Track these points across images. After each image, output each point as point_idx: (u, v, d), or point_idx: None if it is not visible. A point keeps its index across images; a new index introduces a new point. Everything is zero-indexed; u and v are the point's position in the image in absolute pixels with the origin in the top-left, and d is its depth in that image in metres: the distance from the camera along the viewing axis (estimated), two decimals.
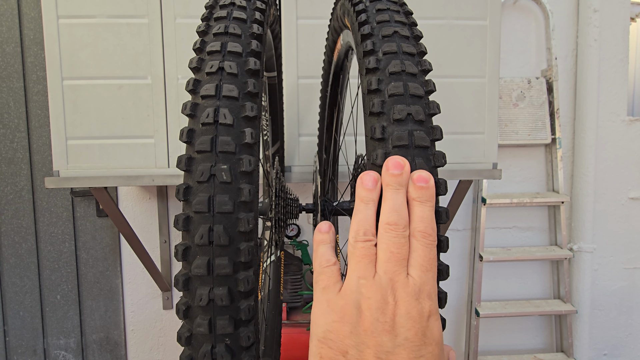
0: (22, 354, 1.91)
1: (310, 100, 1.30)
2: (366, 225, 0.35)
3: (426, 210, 0.34)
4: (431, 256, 0.33)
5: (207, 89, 0.39)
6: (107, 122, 1.26)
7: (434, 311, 0.33)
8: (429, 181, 0.35)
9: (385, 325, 0.31)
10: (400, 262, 0.33)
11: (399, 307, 0.31)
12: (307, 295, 1.69)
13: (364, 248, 0.34)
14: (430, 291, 0.33)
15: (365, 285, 0.32)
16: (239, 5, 0.46)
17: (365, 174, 0.36)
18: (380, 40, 0.42)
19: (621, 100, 1.88)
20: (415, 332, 0.31)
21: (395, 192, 0.35)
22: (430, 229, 0.34)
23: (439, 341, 0.32)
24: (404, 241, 0.33)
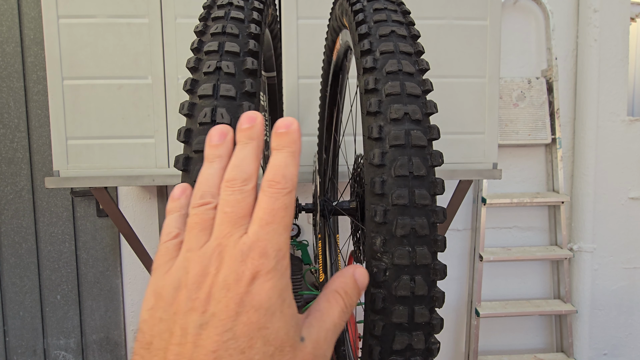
0: (22, 354, 1.91)
1: (310, 100, 1.30)
2: (204, 187, 0.31)
3: (279, 157, 0.30)
4: (275, 206, 0.28)
5: (204, 88, 0.39)
6: (107, 122, 1.26)
7: (264, 271, 0.27)
8: (290, 126, 0.31)
9: (195, 302, 0.26)
10: (236, 221, 0.28)
11: (217, 277, 0.26)
12: (308, 295, 1.69)
13: (196, 215, 0.30)
14: (266, 247, 0.27)
15: (189, 258, 0.28)
16: (236, 5, 0.46)
17: (213, 128, 0.33)
18: (377, 39, 0.42)
19: (621, 100, 1.88)
20: (227, 302, 0.26)
21: (243, 146, 0.31)
22: (280, 176, 0.29)
23: (263, 305, 0.26)
24: (241, 197, 0.29)
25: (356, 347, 1.41)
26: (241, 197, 0.29)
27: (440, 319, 0.38)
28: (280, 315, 0.27)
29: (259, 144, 0.31)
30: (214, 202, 0.30)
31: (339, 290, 0.33)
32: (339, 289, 0.33)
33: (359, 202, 0.64)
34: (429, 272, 0.37)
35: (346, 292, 0.33)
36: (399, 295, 0.36)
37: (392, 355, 0.38)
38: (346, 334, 0.95)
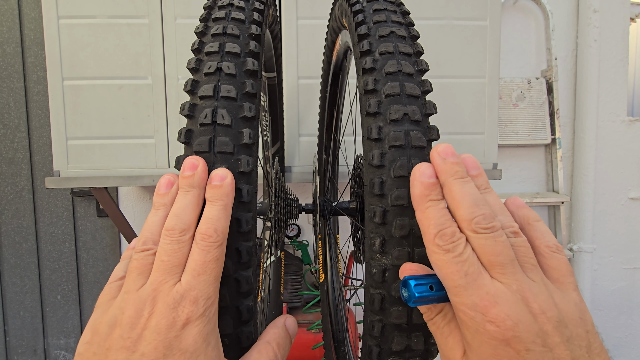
0: (22, 354, 1.91)
1: (310, 100, 1.30)
2: (147, 234, 0.33)
3: (213, 210, 0.32)
4: (206, 259, 0.31)
5: (205, 89, 0.40)
6: (108, 122, 1.26)
7: (193, 318, 0.29)
8: (224, 179, 0.33)
9: (127, 341, 0.28)
10: (170, 269, 0.30)
11: (150, 320, 0.29)
12: (307, 295, 1.69)
13: (136, 260, 0.32)
14: (197, 296, 0.29)
15: (126, 299, 0.30)
16: (237, 6, 0.46)
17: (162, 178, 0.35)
18: (376, 40, 0.42)
19: (621, 100, 1.88)
20: (156, 345, 0.28)
21: (184, 194, 0.33)
22: (212, 229, 0.31)
23: (189, 349, 0.28)
24: (178, 247, 0.31)
25: (356, 347, 1.41)
26: (177, 247, 0.31)
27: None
28: (204, 357, 0.29)
29: (200, 193, 0.33)
30: (154, 248, 0.32)
31: (272, 342, 0.35)
32: (272, 340, 0.35)
33: (359, 203, 0.64)
34: None
35: (278, 343, 0.35)
36: (398, 296, 0.36)
37: (392, 355, 0.38)
38: (346, 335, 0.95)
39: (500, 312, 0.27)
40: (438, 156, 0.33)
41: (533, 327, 0.27)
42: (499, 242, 0.29)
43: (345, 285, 1.62)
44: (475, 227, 0.29)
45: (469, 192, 0.31)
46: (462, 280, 0.28)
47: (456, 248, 0.29)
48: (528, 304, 0.27)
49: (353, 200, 0.66)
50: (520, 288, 0.28)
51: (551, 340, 0.27)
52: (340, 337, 0.94)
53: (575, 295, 0.30)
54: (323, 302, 1.07)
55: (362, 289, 1.55)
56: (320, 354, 1.41)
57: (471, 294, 0.28)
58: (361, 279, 1.45)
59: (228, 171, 0.34)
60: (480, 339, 0.27)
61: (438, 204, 0.31)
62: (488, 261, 0.29)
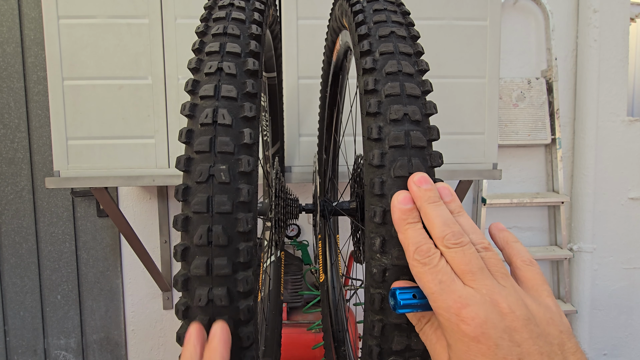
0: (22, 354, 1.91)
1: (310, 100, 1.30)
2: None
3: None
4: None
5: (205, 89, 0.40)
6: (108, 123, 1.26)
7: None
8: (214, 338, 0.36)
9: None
10: None
11: None
12: (308, 295, 1.69)
13: None
14: None
15: None
16: (237, 6, 0.46)
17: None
18: (377, 40, 0.42)
19: (621, 100, 1.88)
20: None
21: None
22: None
23: None
24: None
25: (356, 347, 1.41)
26: None
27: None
28: None
29: None
30: None
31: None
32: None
33: (359, 203, 0.64)
34: None
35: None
36: None
37: (392, 355, 0.38)
38: (346, 335, 0.95)
39: (470, 311, 0.30)
40: (414, 184, 0.36)
41: (500, 324, 0.30)
42: (467, 254, 0.33)
43: (345, 285, 1.62)
44: (446, 242, 0.33)
45: (440, 213, 0.35)
46: (437, 287, 0.32)
47: (432, 261, 0.33)
48: (497, 305, 0.30)
49: (353, 200, 0.66)
50: (489, 292, 0.31)
51: (519, 336, 0.29)
52: (340, 337, 0.94)
53: (549, 301, 0.34)
54: (323, 302, 1.07)
55: (362, 289, 1.55)
56: (321, 354, 1.41)
57: (445, 298, 0.31)
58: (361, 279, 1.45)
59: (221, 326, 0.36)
60: (456, 338, 0.30)
61: (415, 225, 0.35)
62: (459, 270, 0.33)
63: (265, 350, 0.89)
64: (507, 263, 0.38)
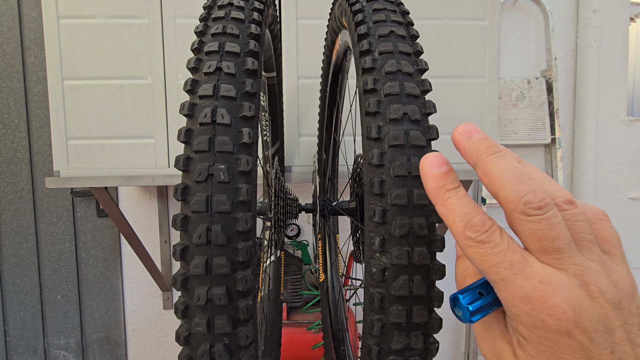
0: (22, 353, 1.91)
1: (310, 100, 1.30)
2: None
3: None
4: None
5: (204, 89, 0.40)
6: (108, 122, 1.26)
7: None
8: None
9: None
10: None
11: None
12: (307, 295, 1.69)
13: None
14: None
15: None
16: (237, 6, 0.46)
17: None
18: (376, 40, 0.42)
19: (621, 100, 1.88)
20: None
21: None
22: None
23: None
24: None
25: (356, 347, 1.41)
26: None
27: (439, 319, 0.38)
28: None
29: None
30: None
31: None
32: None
33: (359, 202, 0.64)
34: (428, 272, 0.37)
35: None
36: (397, 295, 0.36)
37: (391, 355, 0.38)
38: (346, 334, 0.95)
39: (559, 302, 0.23)
40: (462, 137, 0.29)
41: (595, 313, 0.24)
42: (555, 224, 0.25)
43: (345, 285, 1.62)
44: (524, 208, 0.25)
45: (509, 167, 0.26)
46: (508, 272, 0.25)
47: (491, 237, 0.25)
48: (587, 287, 0.24)
49: (353, 200, 0.66)
50: (577, 272, 0.25)
51: (611, 324, 0.24)
52: (340, 337, 0.94)
53: (625, 268, 0.27)
54: (323, 302, 1.07)
55: (361, 288, 1.55)
56: (320, 353, 1.41)
57: (522, 285, 0.24)
58: (361, 279, 1.45)
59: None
60: (539, 334, 0.24)
61: (457, 192, 0.28)
62: (541, 247, 0.25)
63: (265, 349, 0.89)
64: None
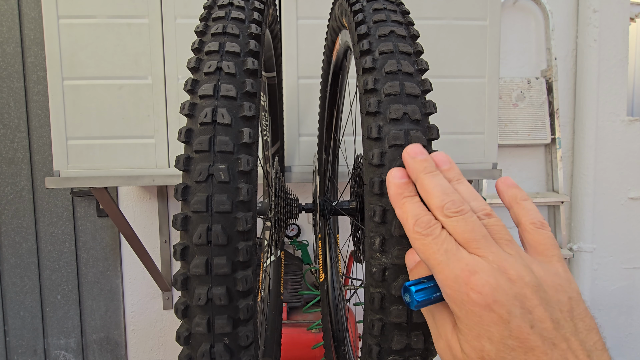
0: (22, 354, 1.91)
1: (310, 100, 1.30)
2: None
3: None
4: None
5: (205, 88, 0.40)
6: (108, 122, 1.26)
7: None
8: None
9: None
10: None
11: None
12: (307, 295, 1.69)
13: None
14: None
15: None
16: (237, 6, 0.46)
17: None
18: (376, 39, 0.42)
19: (621, 100, 1.88)
20: None
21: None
22: None
23: None
24: None
25: (356, 347, 1.41)
26: None
27: None
28: None
29: None
30: None
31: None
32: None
33: (359, 202, 0.64)
34: None
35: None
36: (398, 295, 0.36)
37: (391, 354, 0.38)
38: (346, 334, 0.95)
39: (480, 279, 0.29)
40: (408, 156, 0.35)
41: (511, 291, 0.28)
42: (469, 222, 0.32)
43: (345, 285, 1.62)
44: (446, 212, 0.32)
45: (437, 183, 0.33)
46: (442, 257, 0.30)
47: (434, 231, 0.32)
48: (505, 272, 0.29)
49: (353, 200, 0.66)
50: (496, 259, 0.30)
51: (530, 303, 0.28)
52: (340, 337, 0.94)
53: (558, 266, 0.32)
54: (323, 302, 1.07)
55: (362, 288, 1.55)
56: (320, 353, 1.41)
57: (452, 267, 0.30)
58: (361, 279, 1.45)
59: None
60: (467, 309, 0.29)
61: (412, 199, 0.34)
62: (463, 239, 0.31)
63: (265, 350, 0.89)
64: (515, 224, 0.37)
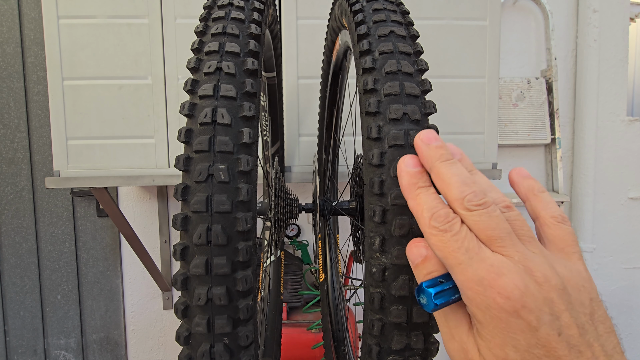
0: (22, 354, 1.91)
1: (310, 100, 1.30)
2: None
3: None
4: None
5: (205, 89, 0.40)
6: (108, 122, 1.26)
7: None
8: None
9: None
10: None
11: None
12: (308, 295, 1.69)
13: None
14: None
15: None
16: (237, 6, 0.46)
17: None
18: (376, 39, 0.42)
19: (621, 100, 1.88)
20: None
21: None
22: None
23: None
24: None
25: (356, 347, 1.41)
26: None
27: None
28: None
29: None
30: None
31: None
32: None
33: (359, 202, 0.64)
34: None
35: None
36: (397, 295, 0.36)
37: (391, 354, 0.38)
38: (346, 334, 0.95)
39: (508, 282, 0.26)
40: (421, 143, 0.33)
41: (539, 295, 0.26)
42: (494, 217, 0.29)
43: (345, 285, 1.62)
44: (467, 204, 0.29)
45: (456, 172, 0.31)
46: (464, 257, 0.28)
47: (453, 227, 0.29)
48: (531, 273, 0.27)
49: (353, 200, 0.66)
50: (521, 259, 0.28)
51: (557, 308, 0.26)
52: (340, 337, 0.94)
53: (579, 265, 0.30)
54: (323, 302, 1.07)
55: (362, 288, 1.55)
56: (320, 353, 1.41)
57: (476, 268, 0.27)
58: (361, 279, 1.45)
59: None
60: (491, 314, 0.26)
61: (427, 189, 0.31)
62: (486, 236, 0.29)
63: (265, 350, 0.89)
64: (532, 218, 0.35)
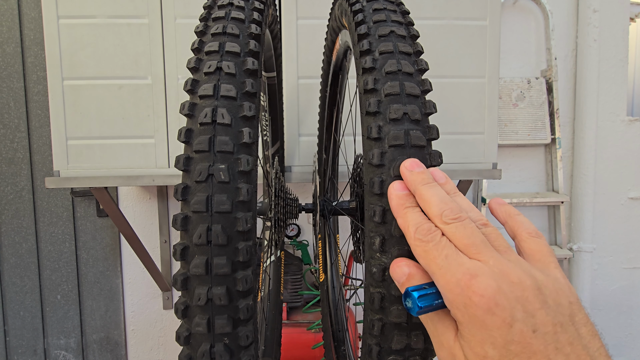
0: (22, 354, 1.91)
1: (310, 100, 1.30)
2: None
3: None
4: None
5: (205, 89, 0.40)
6: (108, 122, 1.26)
7: None
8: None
9: None
10: None
11: None
12: (308, 295, 1.69)
13: None
14: None
15: None
16: (237, 6, 0.46)
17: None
18: (376, 39, 0.42)
19: (621, 100, 1.88)
20: None
21: None
22: None
23: None
24: None
25: (356, 347, 1.41)
26: None
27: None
28: None
29: None
30: None
31: None
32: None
33: (359, 202, 0.64)
34: None
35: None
36: (398, 295, 0.36)
37: (391, 354, 0.38)
38: (346, 334, 0.95)
39: (481, 282, 0.29)
40: (406, 170, 0.36)
41: (512, 294, 0.29)
42: (468, 228, 0.32)
43: (345, 285, 1.62)
44: (445, 219, 0.33)
45: (435, 193, 0.35)
46: (444, 262, 0.31)
47: (434, 238, 0.32)
48: (506, 276, 0.29)
49: (353, 200, 0.66)
50: (497, 263, 0.30)
51: (531, 307, 0.29)
52: (340, 337, 0.94)
53: (556, 272, 0.33)
54: (323, 302, 1.07)
55: (362, 288, 1.55)
56: (320, 353, 1.41)
57: (454, 272, 0.30)
58: (361, 279, 1.45)
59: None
60: (469, 313, 0.29)
61: (413, 209, 0.35)
62: (462, 245, 0.32)
63: (265, 350, 0.89)
64: (511, 237, 0.38)
